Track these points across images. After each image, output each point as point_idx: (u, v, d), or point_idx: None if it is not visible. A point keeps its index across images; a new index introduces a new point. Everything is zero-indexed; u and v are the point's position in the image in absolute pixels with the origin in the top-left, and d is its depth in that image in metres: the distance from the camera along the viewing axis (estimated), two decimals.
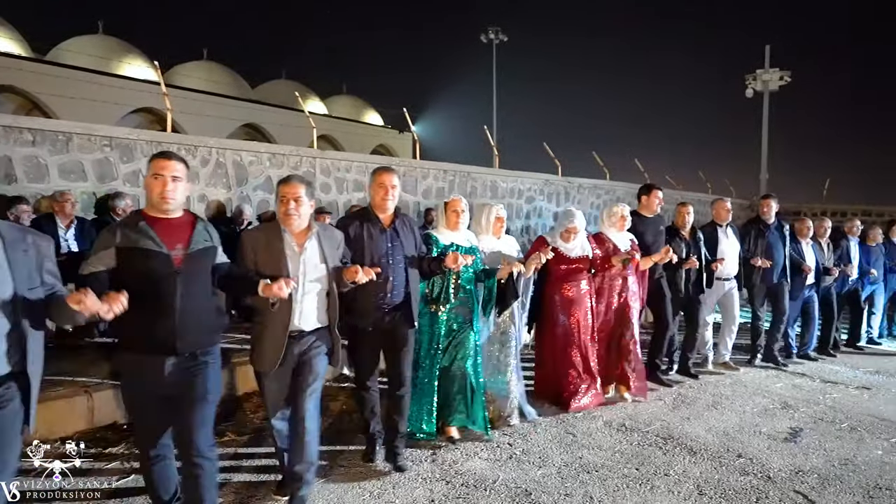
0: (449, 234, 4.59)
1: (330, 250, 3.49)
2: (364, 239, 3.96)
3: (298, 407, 3.40)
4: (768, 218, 7.14)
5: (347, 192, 10.30)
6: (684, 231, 6.46)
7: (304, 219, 3.40)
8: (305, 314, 3.40)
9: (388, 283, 3.98)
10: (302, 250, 3.37)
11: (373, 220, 4.04)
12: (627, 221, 5.73)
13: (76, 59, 21.50)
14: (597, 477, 4.07)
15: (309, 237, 3.42)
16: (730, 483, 4.02)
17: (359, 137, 28.58)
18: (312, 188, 3.45)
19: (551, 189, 14.86)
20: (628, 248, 5.68)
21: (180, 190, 2.94)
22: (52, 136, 6.98)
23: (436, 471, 4.11)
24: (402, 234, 4.09)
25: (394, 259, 4.02)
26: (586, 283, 5.49)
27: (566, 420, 5.10)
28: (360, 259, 3.83)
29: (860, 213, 18.48)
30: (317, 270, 3.42)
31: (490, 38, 31.54)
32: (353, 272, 3.37)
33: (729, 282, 6.78)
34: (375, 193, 4.07)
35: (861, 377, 6.77)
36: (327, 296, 3.49)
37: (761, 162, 28.78)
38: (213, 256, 3.09)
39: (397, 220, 4.10)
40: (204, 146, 8.53)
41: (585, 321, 5.44)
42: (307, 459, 3.37)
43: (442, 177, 12.16)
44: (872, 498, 3.85)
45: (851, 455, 4.53)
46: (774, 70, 28.57)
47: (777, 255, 6.99)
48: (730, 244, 6.76)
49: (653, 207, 6.21)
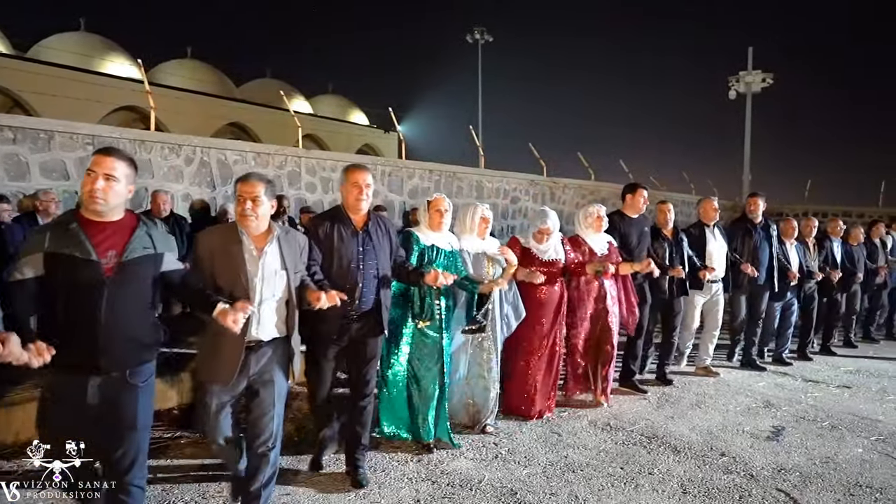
0: (431, 235, 4.45)
1: (291, 256, 3.24)
2: (334, 241, 3.73)
3: (264, 429, 3.20)
4: (755, 217, 6.98)
5: (333, 191, 10.26)
6: (666, 230, 6.23)
7: (262, 220, 3.13)
8: (263, 323, 3.14)
9: (356, 290, 3.74)
10: (261, 254, 3.11)
11: (344, 222, 3.80)
12: (604, 222, 5.53)
13: (58, 56, 21.28)
14: (582, 476, 4.08)
15: (269, 241, 3.15)
16: (713, 481, 4.05)
17: (344, 137, 28.54)
18: (273, 187, 3.22)
19: (536, 189, 14.91)
20: (605, 250, 5.48)
21: (116, 191, 2.63)
22: (33, 134, 6.91)
23: (421, 471, 4.11)
24: (376, 237, 3.86)
25: (364, 264, 3.77)
26: (559, 286, 5.26)
27: (551, 419, 5.12)
28: (328, 263, 3.67)
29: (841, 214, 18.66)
30: (276, 277, 3.15)
31: (475, 38, 31.61)
32: (315, 297, 3.19)
33: (716, 283, 6.63)
34: (348, 193, 3.80)
35: (842, 376, 6.85)
36: (286, 304, 3.23)
37: (744, 163, 29.02)
38: (156, 265, 2.78)
39: (371, 222, 3.87)
40: (188, 145, 8.47)
41: (558, 326, 5.25)
42: (267, 479, 3.26)
43: (428, 177, 12.16)
44: (853, 495, 3.90)
45: (832, 453, 4.58)
46: (757, 72, 28.82)
47: (763, 255, 6.86)
48: (718, 245, 6.62)
49: (638, 207, 5.98)
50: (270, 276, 3.13)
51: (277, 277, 3.16)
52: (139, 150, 7.89)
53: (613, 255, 5.51)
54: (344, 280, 3.65)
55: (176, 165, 8.23)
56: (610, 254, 5.49)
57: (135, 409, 2.74)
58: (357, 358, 3.94)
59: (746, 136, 29.16)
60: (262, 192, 3.09)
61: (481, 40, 31.54)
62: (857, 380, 6.72)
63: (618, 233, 5.78)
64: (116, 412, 2.69)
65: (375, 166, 11.35)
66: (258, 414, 3.22)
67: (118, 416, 2.70)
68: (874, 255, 8.70)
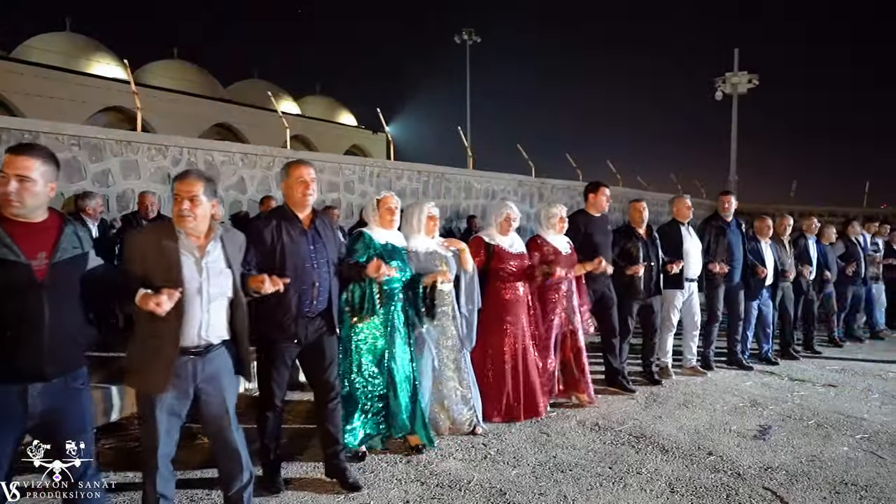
0: (383, 233, 4.35)
1: (235, 253, 3.14)
2: (284, 242, 3.59)
3: (227, 441, 3.12)
4: (727, 215, 6.96)
5: (321, 192, 10.24)
6: (640, 230, 6.18)
7: (201, 220, 2.96)
8: (212, 325, 3.00)
9: (314, 288, 3.65)
10: (204, 255, 2.98)
11: (292, 221, 3.67)
12: (566, 224, 5.49)
13: (43, 56, 21.12)
14: (570, 476, 4.09)
15: (211, 240, 3.03)
16: (701, 480, 4.07)
17: (332, 138, 28.51)
18: (214, 185, 3.08)
19: (525, 190, 14.94)
20: (568, 249, 5.45)
21: (32, 192, 2.46)
22: (17, 134, 6.84)
23: (410, 472, 4.11)
24: (324, 234, 3.77)
25: (318, 263, 3.68)
26: (524, 285, 5.19)
27: (540, 420, 5.13)
28: (282, 266, 3.53)
29: (826, 214, 18.85)
30: (222, 277, 3.03)
31: (464, 39, 31.67)
32: (258, 281, 3.10)
33: (693, 282, 6.60)
34: (294, 190, 3.65)
35: (827, 375, 6.90)
36: (233, 305, 3.11)
37: (731, 163, 29.23)
38: (84, 264, 2.70)
39: (318, 220, 3.77)
40: (175, 146, 8.42)
41: (525, 326, 5.16)
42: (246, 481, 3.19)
43: (416, 178, 12.16)
44: (839, 493, 3.94)
45: (818, 451, 4.62)
46: (743, 73, 29.04)
47: (737, 254, 6.85)
48: (693, 243, 6.58)
49: (601, 206, 5.96)
50: (216, 276, 3.01)
51: (223, 277, 3.05)
52: (126, 150, 7.84)
53: (574, 255, 5.48)
54: (301, 281, 3.56)
55: (163, 166, 8.18)
56: (572, 253, 5.47)
57: (81, 413, 2.69)
58: (317, 360, 3.84)
59: (732, 137, 29.39)
60: (200, 192, 2.93)
61: (469, 41, 31.63)
62: (843, 379, 6.78)
63: (582, 232, 5.72)
64: (61, 416, 2.61)
65: (364, 167, 11.33)
66: (212, 421, 3.10)
67: (63, 418, 2.62)
68: (852, 254, 8.65)
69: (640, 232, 6.16)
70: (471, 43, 31.65)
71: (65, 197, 7.08)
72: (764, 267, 7.05)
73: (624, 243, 6.08)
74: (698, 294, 6.75)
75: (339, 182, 10.57)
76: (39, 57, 21.01)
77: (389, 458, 4.30)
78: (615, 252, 6.01)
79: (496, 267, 5.07)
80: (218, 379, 3.07)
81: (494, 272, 5.09)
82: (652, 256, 6.12)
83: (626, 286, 6.04)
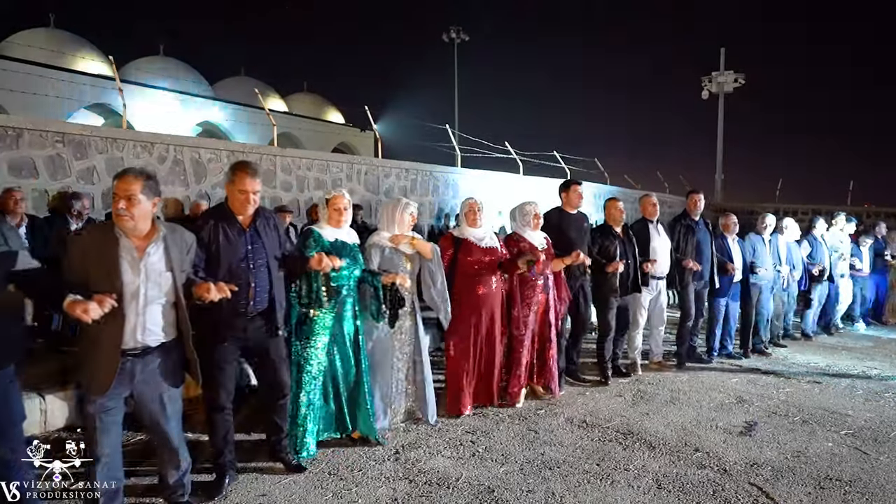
0: (332, 231, 4.32)
1: (178, 255, 3.09)
2: (220, 242, 3.58)
3: (164, 435, 3.16)
4: (695, 214, 7.00)
5: (308, 189, 10.21)
6: (617, 228, 6.23)
7: (141, 220, 2.91)
8: (149, 328, 2.98)
9: (249, 289, 3.63)
10: (143, 256, 2.93)
11: (230, 221, 3.66)
12: (541, 220, 5.56)
13: (26, 52, 20.84)
14: (558, 473, 4.10)
15: (153, 241, 2.98)
16: (687, 476, 4.10)
17: (320, 136, 28.33)
18: (155, 183, 3.01)
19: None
20: (544, 245, 5.49)
21: None
22: (1, 131, 6.77)
23: (398, 469, 4.10)
24: (264, 233, 3.74)
25: (255, 263, 3.65)
26: (497, 280, 5.21)
27: (528, 417, 5.14)
28: (215, 265, 3.53)
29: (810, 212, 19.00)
30: (162, 279, 2.99)
31: (452, 38, 31.67)
32: (203, 289, 3.07)
33: (660, 280, 6.62)
34: (234, 198, 3.66)
35: (812, 372, 6.97)
36: (175, 307, 3.09)
37: (717, 162, 29.42)
38: (10, 262, 2.71)
39: (258, 220, 3.74)
40: (161, 143, 8.36)
41: (498, 321, 5.22)
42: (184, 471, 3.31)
43: (404, 175, 12.15)
44: (823, 488, 3.97)
45: (803, 447, 4.66)
46: (729, 72, 29.23)
47: (706, 253, 6.89)
48: (661, 241, 6.58)
49: (574, 203, 6.04)
50: (155, 277, 2.98)
51: (163, 279, 3.01)
52: (111, 148, 7.77)
53: (551, 251, 5.53)
54: (235, 281, 3.48)
55: (148, 164, 8.11)
56: (549, 249, 5.51)
57: (9, 410, 2.74)
58: (264, 359, 3.88)
59: (719, 136, 29.61)
60: (138, 191, 2.87)
61: (457, 39, 31.65)
62: (827, 375, 6.84)
63: (556, 229, 5.77)
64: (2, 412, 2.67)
65: (352, 165, 11.30)
66: (147, 417, 3.12)
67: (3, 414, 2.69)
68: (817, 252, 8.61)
69: (618, 230, 6.21)
70: (459, 41, 31.70)
71: (49, 194, 7.01)
72: (732, 263, 7.11)
73: (602, 241, 6.12)
74: (666, 292, 6.78)
75: (326, 180, 10.53)
76: (22, 53, 20.73)
77: (377, 455, 4.29)
78: (595, 250, 6.06)
79: (463, 260, 5.07)
80: (156, 380, 3.07)
81: (462, 266, 5.10)
82: (629, 255, 6.16)
83: (605, 284, 6.08)
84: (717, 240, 7.20)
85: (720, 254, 7.13)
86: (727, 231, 7.37)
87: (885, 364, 7.43)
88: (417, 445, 4.49)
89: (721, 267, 7.06)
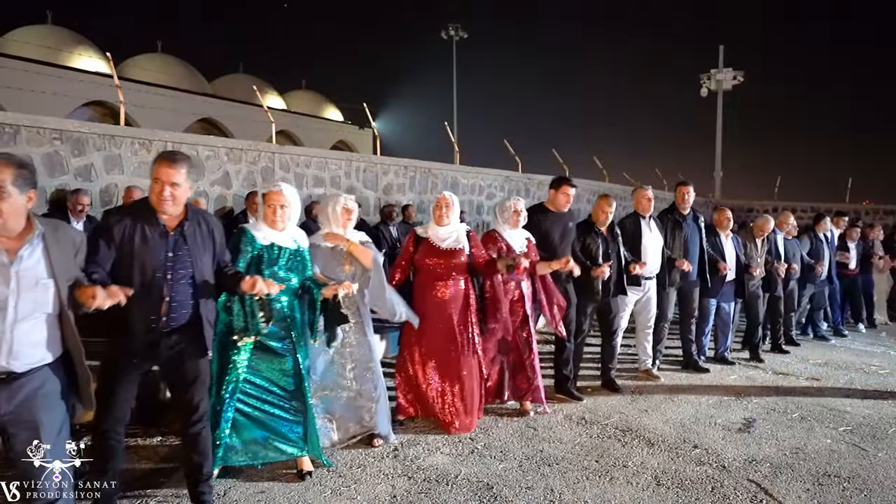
0: (269, 232, 3.77)
1: (63, 258, 2.57)
2: (136, 243, 3.03)
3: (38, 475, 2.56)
4: (684, 208, 6.58)
5: (307, 187, 10.19)
6: (601, 226, 5.73)
7: (11, 217, 2.42)
8: (19, 349, 2.44)
9: (162, 303, 3.07)
10: (14, 260, 2.43)
11: (151, 220, 3.09)
12: (522, 217, 5.08)
13: (24, 49, 20.84)
14: (557, 470, 4.11)
15: (27, 242, 2.47)
16: (686, 473, 4.10)
17: (319, 133, 28.33)
18: (29, 173, 2.51)
19: (511, 185, 14.93)
20: (524, 247, 5.05)
21: None
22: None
23: (397, 466, 4.10)
24: (193, 240, 3.18)
25: (174, 273, 3.10)
26: (463, 283, 4.79)
27: (527, 414, 5.14)
28: (126, 270, 3.01)
29: (809, 210, 18.99)
30: (39, 288, 2.48)
31: (450, 35, 31.67)
32: (88, 295, 2.52)
33: (651, 280, 6.16)
34: (151, 190, 3.10)
35: (811, 369, 6.97)
36: (60, 319, 2.57)
37: (716, 160, 29.41)
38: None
39: (188, 223, 3.17)
40: (159, 140, 8.34)
41: (465, 329, 4.77)
42: None
43: (402, 173, 12.13)
44: (822, 484, 3.98)
45: (802, 444, 4.66)
46: (728, 70, 29.22)
47: (693, 249, 6.45)
48: (653, 237, 6.14)
49: (560, 204, 5.49)
50: (29, 287, 2.46)
51: (40, 289, 2.49)
52: (109, 145, 7.75)
53: (532, 253, 5.08)
54: (147, 291, 3.02)
55: (147, 161, 8.07)
56: (528, 251, 5.06)
57: None
58: (178, 380, 3.31)
59: (717, 134, 29.58)
60: (7, 181, 2.39)
61: (456, 37, 31.63)
62: (826, 372, 6.85)
63: (538, 229, 5.34)
64: None
65: (350, 162, 11.29)
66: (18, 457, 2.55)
67: None
68: (818, 251, 8.38)
69: (601, 228, 5.72)
70: (457, 39, 31.67)
71: (47, 192, 6.99)
72: (725, 262, 6.72)
73: (585, 239, 5.65)
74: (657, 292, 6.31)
75: (324, 177, 10.51)
76: (20, 50, 20.72)
77: (376, 453, 4.29)
78: (577, 248, 5.62)
79: (420, 261, 4.73)
80: (30, 411, 2.53)
81: (420, 267, 4.77)
82: (612, 255, 5.69)
83: (583, 286, 5.57)
84: (710, 237, 6.81)
85: (712, 251, 6.74)
86: (721, 227, 6.93)
87: (884, 362, 7.44)
88: (416, 442, 4.49)
89: (712, 265, 6.66)
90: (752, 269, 7.02)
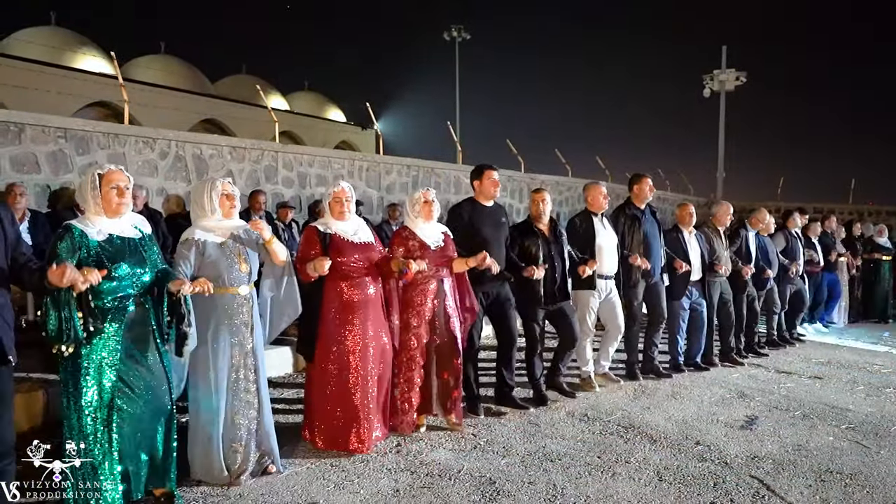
0: (106, 224, 3.13)
1: None
2: None
3: None
4: (641, 202, 6.11)
5: (310, 186, 10.23)
6: (540, 224, 5.35)
7: None
8: None
9: None
10: None
11: None
12: (435, 208, 4.61)
13: (28, 50, 20.94)
14: (560, 465, 4.12)
15: None
16: (688, 469, 4.10)
17: (321, 134, 28.40)
18: None
19: (514, 185, 14.96)
20: (440, 242, 4.59)
21: None
22: (3, 126, 6.80)
23: (400, 461, 4.12)
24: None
25: None
26: (374, 284, 4.29)
27: (529, 411, 5.15)
28: None
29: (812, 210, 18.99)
30: None
31: (453, 36, 31.71)
32: None
33: (609, 281, 5.79)
34: None
35: (813, 368, 6.97)
36: None
37: (718, 160, 29.37)
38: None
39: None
40: (163, 139, 8.38)
41: (380, 333, 4.28)
42: None
43: (405, 172, 12.17)
44: (824, 481, 3.98)
45: (804, 441, 4.66)
46: (731, 70, 29.18)
47: (655, 246, 6.05)
48: (608, 237, 5.77)
49: (489, 193, 5.08)
50: None
51: None
52: (113, 143, 7.79)
53: (450, 248, 4.65)
54: None
55: (150, 160, 8.13)
56: (446, 246, 4.62)
57: None
58: None
59: (720, 134, 29.52)
60: None
61: (458, 38, 31.67)
62: (828, 371, 6.85)
63: (466, 223, 4.95)
64: None
65: (353, 161, 11.32)
66: None
67: None
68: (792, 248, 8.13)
69: (541, 227, 5.34)
70: (460, 40, 31.70)
71: (51, 189, 7.03)
72: (684, 260, 6.26)
73: (522, 241, 5.27)
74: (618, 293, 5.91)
75: (327, 176, 10.54)
76: (24, 51, 20.81)
77: (379, 447, 4.30)
78: (515, 251, 5.23)
79: (334, 260, 4.08)
80: None
81: (333, 267, 4.07)
82: (555, 256, 5.30)
83: (526, 291, 5.20)
84: (672, 233, 6.45)
85: (672, 249, 6.29)
86: (683, 223, 6.49)
87: (887, 361, 7.43)
88: (419, 438, 4.51)
89: (669, 264, 6.20)
90: (717, 267, 6.58)
